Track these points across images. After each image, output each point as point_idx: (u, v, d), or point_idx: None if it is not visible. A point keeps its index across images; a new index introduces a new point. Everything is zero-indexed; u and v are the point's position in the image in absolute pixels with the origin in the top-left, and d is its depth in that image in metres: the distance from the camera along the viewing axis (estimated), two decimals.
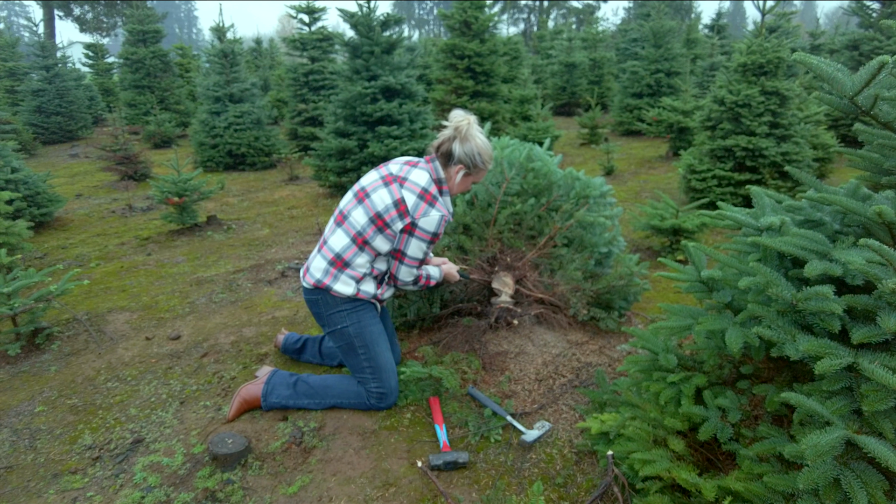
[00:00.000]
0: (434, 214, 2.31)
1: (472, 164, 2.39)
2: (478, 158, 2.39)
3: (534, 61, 17.35)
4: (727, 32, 17.96)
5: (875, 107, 1.56)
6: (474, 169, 2.41)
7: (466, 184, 2.48)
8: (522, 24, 51.18)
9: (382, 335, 2.49)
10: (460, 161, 2.38)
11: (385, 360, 2.46)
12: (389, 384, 2.47)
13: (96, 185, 7.99)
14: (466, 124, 2.38)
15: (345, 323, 2.42)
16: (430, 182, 2.36)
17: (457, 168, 2.40)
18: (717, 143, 5.81)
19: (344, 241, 2.38)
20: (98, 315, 3.71)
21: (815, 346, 1.42)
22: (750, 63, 5.69)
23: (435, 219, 2.31)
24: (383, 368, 2.45)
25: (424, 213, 2.31)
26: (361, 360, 2.43)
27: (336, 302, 2.41)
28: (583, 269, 3.25)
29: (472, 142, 2.37)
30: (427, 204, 2.31)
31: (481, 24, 9.17)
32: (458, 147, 2.36)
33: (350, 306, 2.42)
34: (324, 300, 2.43)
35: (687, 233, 4.48)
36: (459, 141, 2.36)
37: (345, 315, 2.42)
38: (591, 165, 8.13)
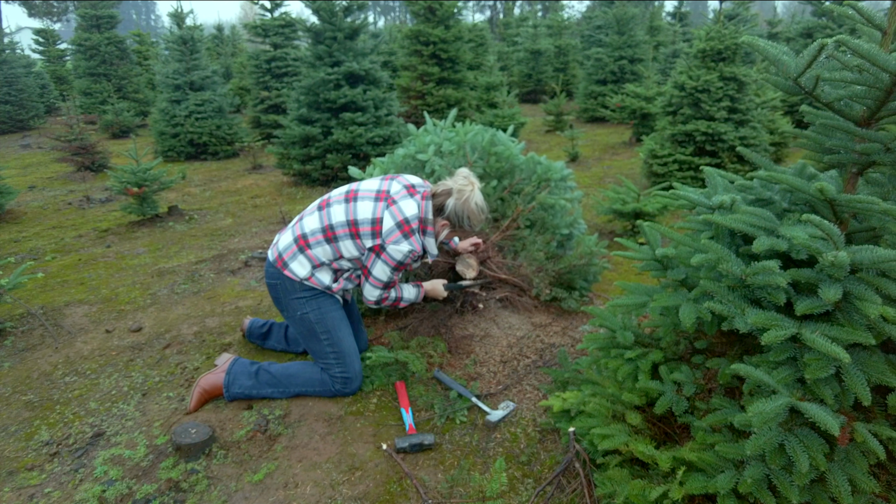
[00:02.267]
0: (403, 246, 2.31)
1: (457, 225, 2.43)
2: (465, 222, 2.42)
3: (500, 48, 17.35)
4: (689, 20, 18.25)
5: (817, 87, 1.61)
6: (459, 228, 2.46)
7: (450, 234, 2.58)
8: (489, 10, 51.01)
9: (344, 321, 2.48)
10: (448, 218, 2.41)
11: (348, 344, 2.46)
12: (354, 368, 2.47)
13: (51, 177, 7.72)
14: (470, 190, 2.39)
15: (304, 310, 2.42)
16: (416, 217, 2.34)
17: (443, 223, 2.43)
18: (677, 128, 5.92)
19: (315, 226, 2.38)
20: (55, 309, 3.60)
21: (763, 318, 1.48)
22: (709, 49, 5.81)
23: (403, 250, 2.31)
24: (346, 353, 2.45)
25: (395, 241, 2.31)
26: (324, 345, 2.43)
27: (294, 288, 2.40)
28: (545, 250, 3.30)
29: (467, 207, 2.37)
30: (402, 234, 2.31)
31: (446, 10, 9.11)
32: (451, 204, 2.38)
33: (309, 293, 2.41)
34: (282, 285, 2.41)
35: (648, 216, 4.56)
36: (454, 200, 2.37)
37: (304, 302, 2.41)
38: (556, 152, 8.20)
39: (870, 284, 1.46)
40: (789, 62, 1.64)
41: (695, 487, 1.58)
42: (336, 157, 6.20)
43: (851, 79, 1.56)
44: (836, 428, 1.32)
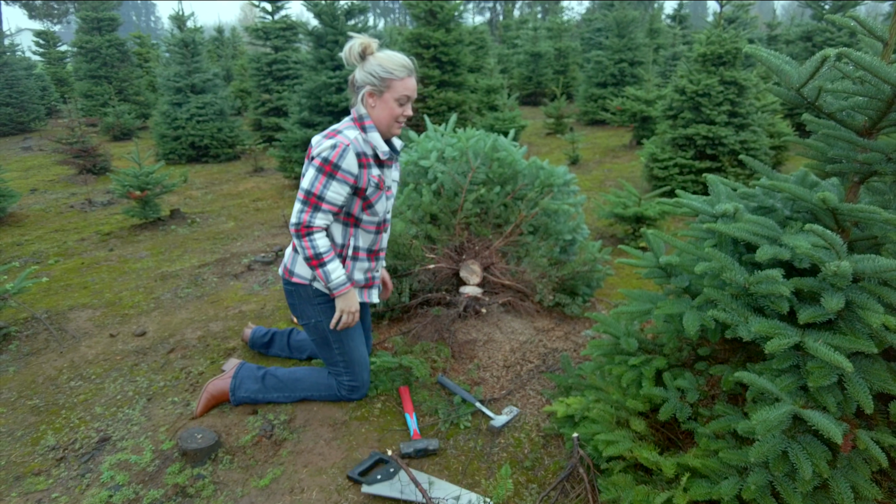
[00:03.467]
0: (326, 142, 2.10)
1: (378, 80, 2.12)
2: (379, 70, 2.10)
3: (500, 51, 17.38)
4: (689, 22, 18.30)
5: (819, 98, 1.63)
6: (383, 83, 2.12)
7: (390, 107, 2.16)
8: (488, 12, 51.13)
9: (357, 329, 2.46)
10: (363, 85, 2.15)
11: (359, 354, 2.45)
12: (361, 378, 2.48)
13: (52, 180, 7.74)
14: (368, 45, 2.13)
15: (319, 317, 2.38)
16: (347, 123, 2.20)
17: (365, 93, 2.16)
18: (678, 131, 5.94)
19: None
20: (59, 313, 3.62)
21: (766, 326, 1.50)
22: (709, 53, 5.83)
23: (326, 145, 2.09)
24: (356, 363, 2.45)
25: (318, 143, 2.15)
26: (335, 353, 2.43)
27: (308, 294, 2.36)
28: (548, 256, 3.32)
29: (371, 59, 2.12)
30: (327, 138, 2.14)
31: (447, 13, 9.12)
32: (358, 72, 2.16)
33: (323, 299, 2.38)
34: (297, 291, 2.38)
35: (649, 220, 4.59)
36: (359, 66, 2.15)
37: (319, 309, 2.38)
38: (556, 155, 8.23)
39: (872, 294, 1.48)
40: (792, 73, 1.66)
41: (699, 494, 1.60)
42: None
43: (853, 90, 1.58)
44: (839, 436, 1.33)
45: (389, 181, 2.35)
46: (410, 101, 2.20)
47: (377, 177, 2.23)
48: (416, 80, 2.18)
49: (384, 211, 2.35)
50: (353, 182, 2.16)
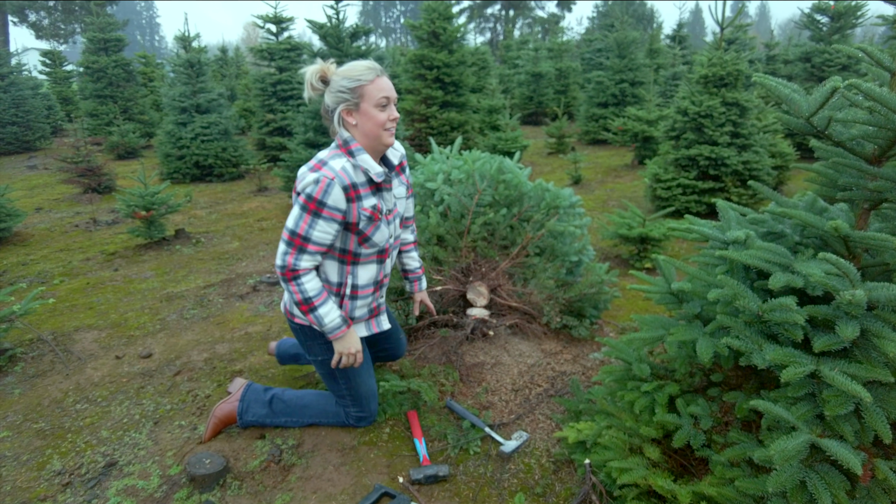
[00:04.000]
0: (310, 176, 1.93)
1: (348, 93, 1.97)
2: (346, 83, 1.96)
3: (501, 71, 17.57)
4: (688, 42, 18.52)
5: (829, 127, 1.65)
6: (355, 95, 1.97)
7: (372, 116, 1.98)
8: (489, 32, 51.73)
9: (364, 363, 2.36)
10: (336, 106, 2.01)
11: (366, 389, 2.39)
12: (369, 409, 2.45)
13: (57, 199, 7.77)
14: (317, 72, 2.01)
15: (325, 355, 2.28)
16: (333, 151, 2.04)
17: (340, 113, 2.01)
18: (681, 152, 5.98)
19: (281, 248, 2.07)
20: (64, 334, 3.61)
21: (781, 355, 1.50)
22: (711, 75, 5.89)
23: (309, 179, 1.92)
24: (363, 396, 2.40)
25: (302, 176, 1.98)
26: (342, 388, 2.38)
27: (314, 334, 2.25)
28: (555, 277, 3.32)
29: (333, 78, 2.00)
30: (312, 171, 1.97)
31: (450, 34, 9.25)
32: (326, 97, 2.03)
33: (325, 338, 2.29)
34: (300, 330, 2.28)
35: (654, 241, 4.60)
36: (326, 92, 2.02)
37: (324, 348, 2.27)
38: (559, 174, 8.27)
39: (887, 322, 1.48)
40: (801, 102, 1.68)
41: None
42: None
43: (863, 119, 1.60)
44: (859, 466, 1.33)
45: (390, 205, 2.16)
46: (392, 102, 2.00)
47: (369, 209, 2.03)
48: (387, 79, 2.01)
49: (385, 239, 2.16)
50: (341, 218, 1.99)
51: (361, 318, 2.30)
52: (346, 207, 1.98)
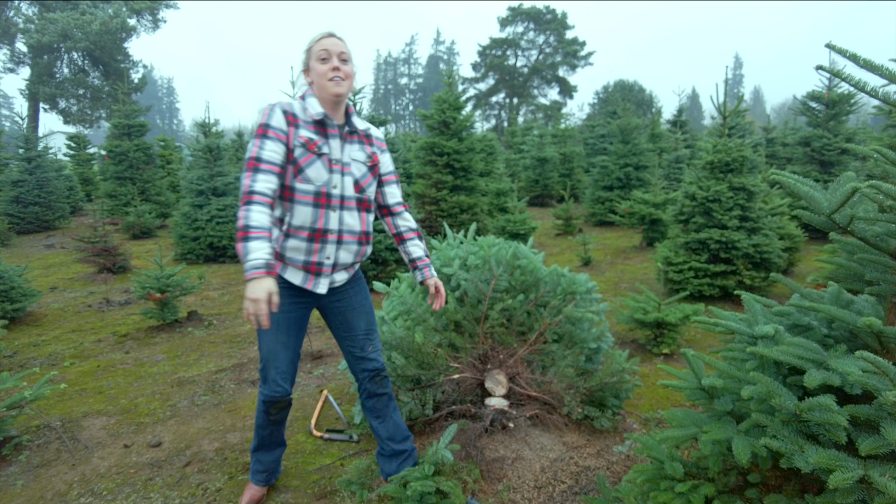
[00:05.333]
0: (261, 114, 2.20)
1: (304, 58, 2.29)
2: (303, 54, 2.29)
3: (507, 156, 18.14)
4: (689, 127, 19.18)
5: (852, 224, 1.68)
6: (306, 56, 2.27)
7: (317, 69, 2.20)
8: (494, 119, 53.91)
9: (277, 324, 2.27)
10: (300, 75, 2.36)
11: (266, 349, 2.32)
12: (268, 375, 2.35)
13: (72, 278, 7.85)
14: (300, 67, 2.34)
15: None
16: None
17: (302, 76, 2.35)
18: (691, 235, 6.05)
19: None
20: (72, 420, 3.54)
21: (825, 458, 1.44)
22: (717, 161, 6.06)
23: (261, 114, 2.19)
24: (265, 358, 2.34)
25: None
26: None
27: None
28: (575, 365, 3.27)
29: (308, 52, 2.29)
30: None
31: (459, 123, 9.64)
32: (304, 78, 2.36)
33: None
34: None
35: (670, 326, 4.56)
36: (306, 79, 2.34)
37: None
38: (567, 256, 8.33)
39: None
40: (821, 200, 1.71)
41: None
42: None
43: (885, 217, 1.62)
44: None
45: (337, 155, 2.23)
46: (333, 55, 2.18)
47: (305, 138, 2.16)
48: (336, 40, 2.22)
49: (323, 180, 2.19)
50: (284, 139, 2.14)
51: (296, 264, 2.25)
52: (287, 129, 2.16)
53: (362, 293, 2.49)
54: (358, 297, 2.47)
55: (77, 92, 31.13)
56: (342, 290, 2.41)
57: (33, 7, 29.65)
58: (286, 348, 2.34)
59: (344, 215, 2.24)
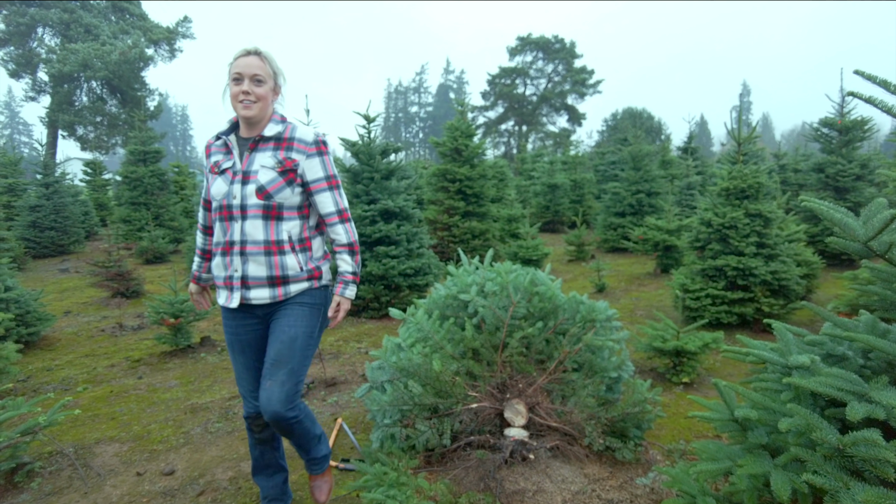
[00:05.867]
0: None
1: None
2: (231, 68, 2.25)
3: (518, 182, 18.21)
4: (699, 154, 19.20)
5: (890, 251, 1.64)
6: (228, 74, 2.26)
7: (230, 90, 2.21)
8: (503, 146, 54.34)
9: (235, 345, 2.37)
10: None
11: (235, 371, 2.44)
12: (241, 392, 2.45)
13: (86, 302, 7.88)
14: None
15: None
16: None
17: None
18: (707, 262, 5.99)
19: None
20: (85, 447, 3.50)
21: (874, 496, 1.38)
22: (732, 188, 6.03)
23: None
24: (236, 378, 2.46)
25: None
26: None
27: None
28: (595, 395, 3.20)
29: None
30: None
31: (471, 151, 9.71)
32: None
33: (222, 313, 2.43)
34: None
35: (689, 354, 4.47)
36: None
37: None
38: (581, 282, 8.27)
39: None
40: (856, 227, 1.68)
41: None
42: (368, 289, 6.30)
43: None
44: None
45: (238, 165, 2.22)
46: (245, 77, 2.16)
47: (212, 162, 2.29)
48: (252, 59, 2.18)
49: (222, 194, 2.21)
50: (204, 173, 2.35)
51: (220, 282, 2.33)
52: (206, 163, 2.33)
53: (290, 319, 2.25)
54: (281, 321, 2.25)
55: (95, 119, 31.77)
56: (275, 312, 2.29)
57: (56, 38, 30.50)
58: (247, 368, 2.39)
59: (245, 225, 2.19)
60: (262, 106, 2.20)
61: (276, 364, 2.20)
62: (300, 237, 2.28)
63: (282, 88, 2.35)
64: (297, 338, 2.24)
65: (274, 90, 2.28)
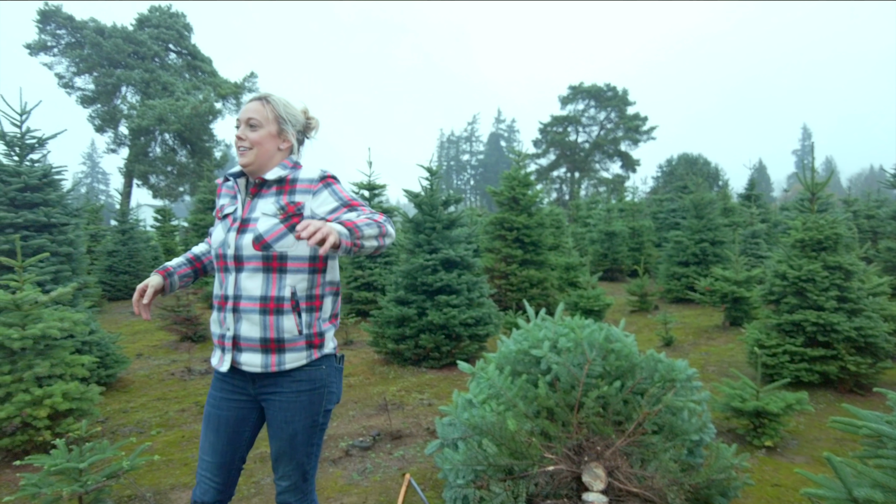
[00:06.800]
0: None
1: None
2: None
3: (573, 229, 18.07)
4: (763, 201, 18.62)
5: None
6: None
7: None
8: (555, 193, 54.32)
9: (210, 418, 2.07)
10: None
11: (200, 445, 2.10)
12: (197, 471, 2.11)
13: (156, 345, 8.20)
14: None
15: None
16: None
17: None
18: (783, 317, 5.71)
19: None
20: (161, 492, 3.57)
21: None
22: (808, 239, 5.78)
23: None
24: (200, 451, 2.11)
25: None
26: None
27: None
28: (677, 459, 3.04)
29: None
30: None
31: (529, 199, 9.75)
32: None
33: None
34: None
35: (771, 416, 4.22)
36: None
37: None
38: (646, 335, 8.01)
39: None
40: None
41: None
42: (429, 338, 6.30)
43: None
44: None
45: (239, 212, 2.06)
46: (242, 122, 2.08)
47: (218, 205, 2.17)
48: (252, 104, 2.09)
49: (218, 242, 2.05)
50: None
51: (215, 339, 2.07)
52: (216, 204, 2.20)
53: (287, 414, 2.01)
54: (277, 415, 2.01)
55: (166, 169, 33.86)
56: (267, 392, 2.03)
57: (136, 95, 33.02)
58: (214, 451, 2.05)
59: (240, 278, 1.97)
60: (257, 153, 2.03)
61: (279, 460, 2.05)
62: (308, 293, 2.01)
63: (290, 135, 2.13)
64: (296, 434, 2.01)
65: (279, 136, 2.10)
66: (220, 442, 2.04)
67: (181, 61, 35.24)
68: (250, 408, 2.05)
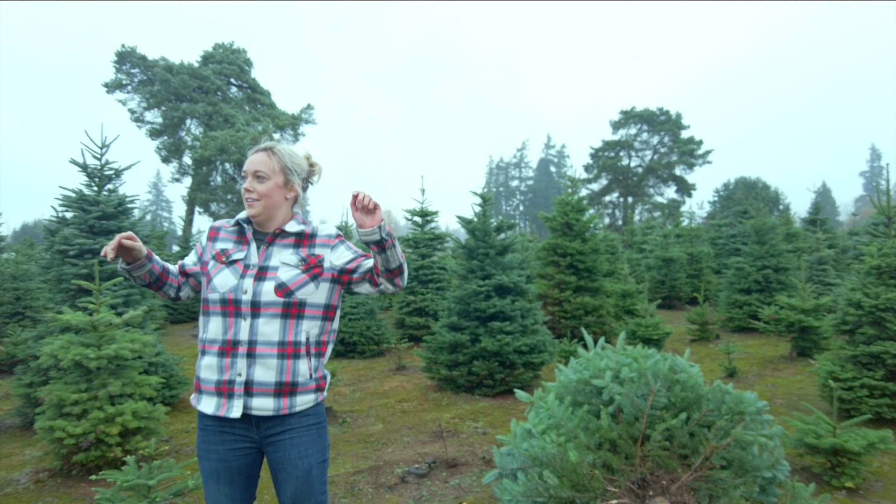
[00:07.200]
0: None
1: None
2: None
3: (628, 255, 17.70)
4: (829, 226, 17.76)
5: None
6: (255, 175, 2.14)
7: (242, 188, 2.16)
8: (608, 218, 53.45)
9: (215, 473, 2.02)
10: None
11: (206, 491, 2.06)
12: None
13: None
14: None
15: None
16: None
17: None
18: (859, 349, 5.38)
19: None
20: None
21: None
22: (885, 265, 5.47)
23: None
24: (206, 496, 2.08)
25: None
26: None
27: None
28: (749, 496, 2.89)
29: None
30: None
31: (582, 225, 9.64)
32: None
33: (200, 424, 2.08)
34: None
35: (850, 454, 3.96)
36: None
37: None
38: (708, 365, 7.70)
39: None
40: None
41: None
42: (482, 364, 6.26)
43: None
44: None
45: (253, 259, 2.06)
46: (248, 174, 2.09)
47: (218, 249, 2.11)
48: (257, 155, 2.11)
49: (228, 287, 2.00)
50: (200, 251, 2.21)
51: (209, 386, 1.99)
52: (205, 244, 2.20)
53: (300, 450, 2.01)
54: (289, 452, 2.00)
55: (226, 197, 35.33)
56: (275, 433, 2.01)
57: (200, 127, 34.84)
58: (231, 500, 2.04)
59: (257, 324, 1.97)
60: (265, 204, 2.08)
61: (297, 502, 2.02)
62: (318, 339, 2.09)
63: (296, 185, 2.17)
64: (311, 469, 2.02)
65: (285, 187, 2.13)
66: (236, 492, 2.04)
67: (242, 94, 37.01)
68: (256, 451, 2.06)
